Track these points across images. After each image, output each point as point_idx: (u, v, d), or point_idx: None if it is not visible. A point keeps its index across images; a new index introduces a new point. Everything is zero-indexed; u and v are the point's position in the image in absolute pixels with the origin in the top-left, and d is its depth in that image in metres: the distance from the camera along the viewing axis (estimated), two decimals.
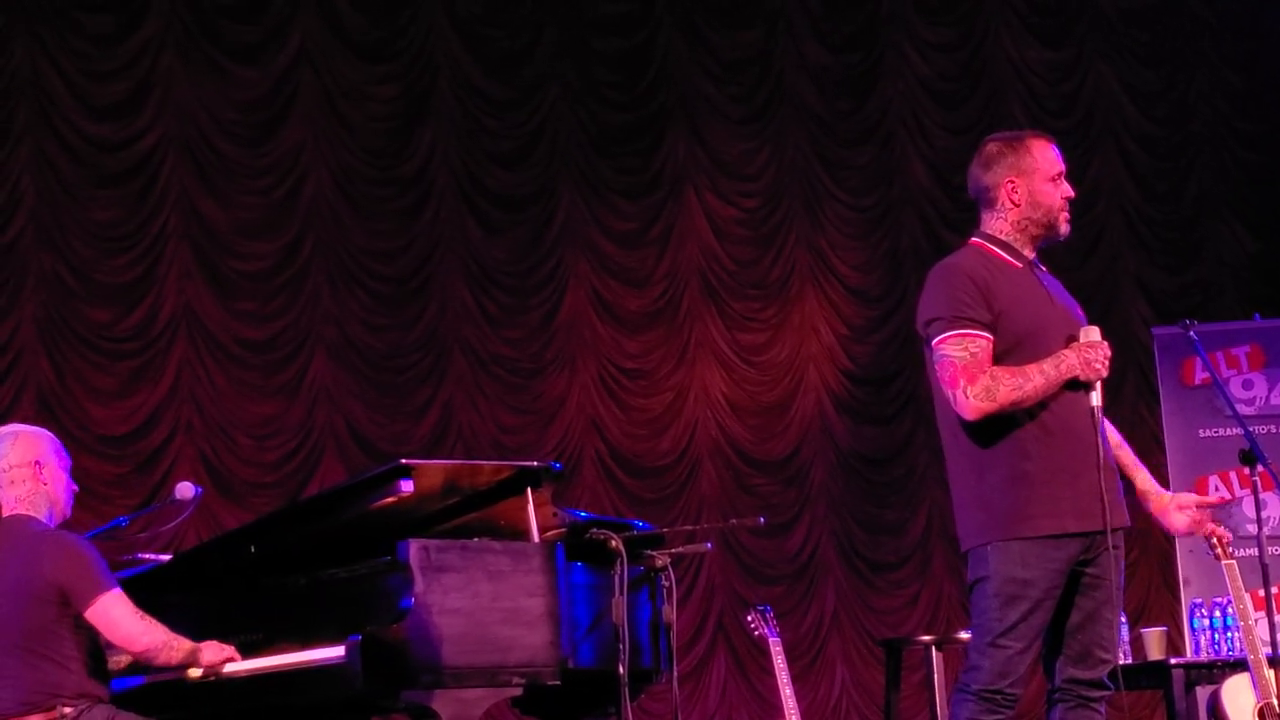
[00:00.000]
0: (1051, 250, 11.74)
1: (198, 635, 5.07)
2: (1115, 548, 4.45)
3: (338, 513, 5.17)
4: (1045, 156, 4.73)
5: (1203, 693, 7.13)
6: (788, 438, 10.13)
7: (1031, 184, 4.71)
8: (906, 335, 10.49)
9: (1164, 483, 9.88)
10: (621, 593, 5.09)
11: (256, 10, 9.50)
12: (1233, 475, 9.41)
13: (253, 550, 5.28)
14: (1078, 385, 4.49)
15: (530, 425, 9.76)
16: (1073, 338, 4.53)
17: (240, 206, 9.36)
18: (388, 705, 4.88)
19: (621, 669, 5.05)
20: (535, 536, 5.02)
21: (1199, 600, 7.89)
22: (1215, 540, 6.68)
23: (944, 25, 10.92)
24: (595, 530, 5.26)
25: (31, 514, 5.10)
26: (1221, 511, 9.30)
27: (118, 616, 4.92)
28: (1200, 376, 9.49)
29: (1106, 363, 4.50)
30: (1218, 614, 7.51)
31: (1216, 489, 9.50)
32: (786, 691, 7.29)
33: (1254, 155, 11.18)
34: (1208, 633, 7.51)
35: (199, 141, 9.27)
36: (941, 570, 10.31)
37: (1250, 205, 11.14)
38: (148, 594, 5.23)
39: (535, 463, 5.16)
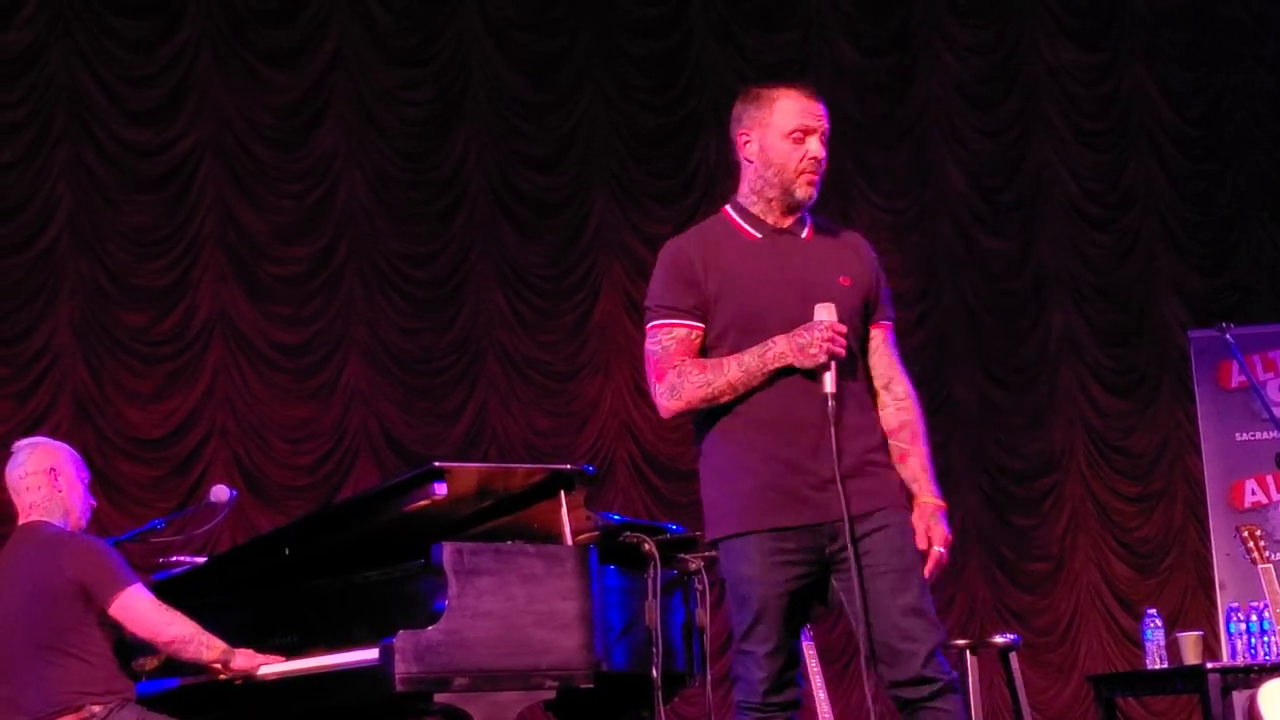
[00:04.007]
0: (1088, 253, 11.72)
1: (232, 638, 5.09)
2: (883, 528, 4.09)
3: (372, 516, 5.17)
4: (786, 109, 4.23)
5: (1239, 697, 7.10)
6: None
7: (765, 138, 4.24)
8: (941, 339, 10.47)
9: (1200, 486, 9.99)
10: (655, 596, 5.08)
11: (291, 15, 9.53)
12: (1269, 479, 9.37)
13: (287, 553, 5.29)
14: (810, 371, 4.09)
15: (563, 429, 9.77)
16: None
17: (275, 210, 9.39)
18: (421, 708, 4.88)
19: (655, 672, 5.05)
20: (568, 540, 5.02)
21: (1235, 604, 7.86)
22: (1252, 543, 6.66)
23: (979, 28, 10.89)
24: (628, 533, 5.25)
25: (46, 519, 5.15)
26: (1259, 515, 9.25)
27: (142, 610, 4.96)
28: (1237, 380, 9.46)
29: (826, 344, 4.05)
30: (1254, 618, 7.48)
31: (1253, 493, 9.47)
32: (820, 695, 7.28)
33: None
34: (1244, 637, 7.48)
35: (234, 146, 9.31)
36: (975, 574, 10.28)
37: None
38: (183, 597, 5.25)
39: (568, 466, 5.15)
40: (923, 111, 10.67)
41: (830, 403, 4.07)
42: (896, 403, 4.33)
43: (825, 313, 4.12)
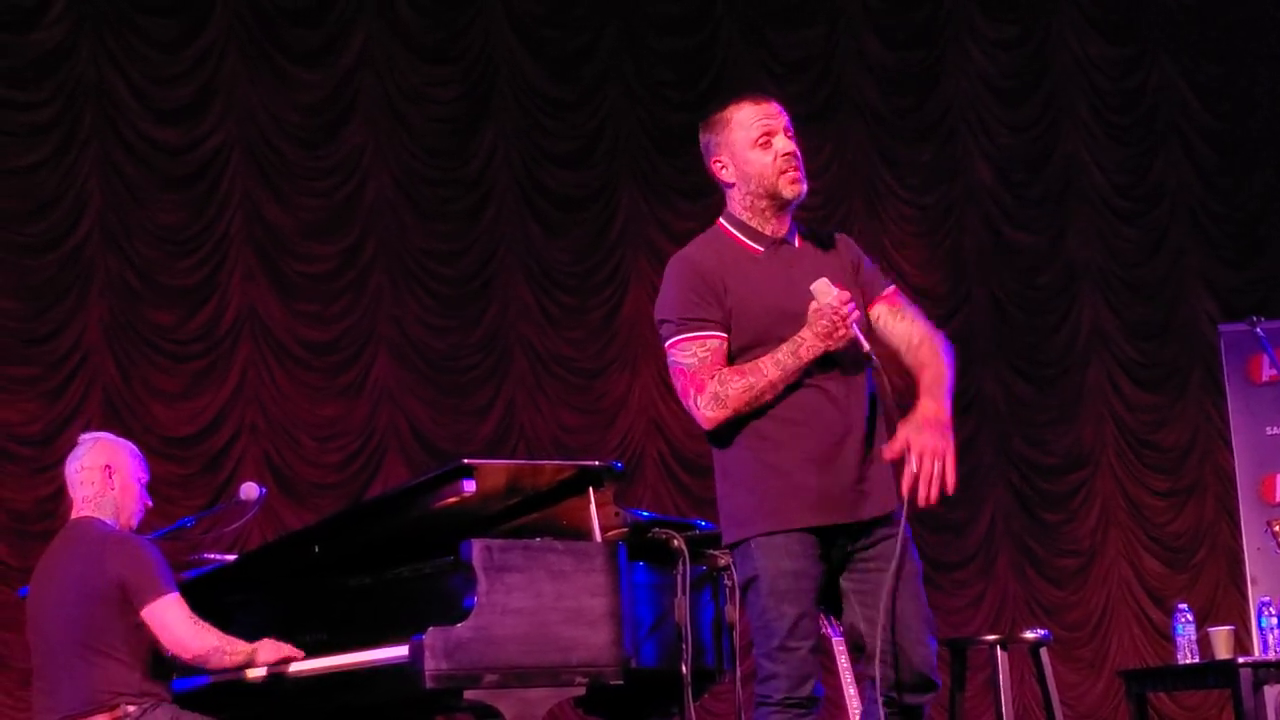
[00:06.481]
0: (1117, 248, 11.66)
1: (262, 635, 5.10)
2: (890, 537, 4.18)
3: (401, 513, 5.18)
4: (742, 121, 4.36)
5: (1271, 692, 7.08)
6: None
7: (735, 156, 4.35)
8: (969, 334, 10.44)
9: (1230, 481, 9.94)
10: (684, 592, 5.07)
11: (318, 14, 9.55)
12: None
13: (317, 550, 5.30)
14: (830, 363, 4.17)
15: (592, 425, 9.77)
16: None
17: (302, 208, 9.40)
18: (451, 704, 4.88)
19: (684, 669, 5.04)
20: (597, 536, 5.01)
21: (1267, 598, 7.82)
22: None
23: (1006, 22, 10.87)
24: (657, 530, 5.25)
25: (97, 516, 5.16)
26: None
27: (172, 620, 4.95)
28: (1267, 373, 9.42)
29: (840, 314, 4.12)
30: None
31: None
32: (850, 691, 7.25)
33: None
34: (1276, 631, 7.44)
35: (262, 144, 9.32)
36: (1005, 570, 10.25)
37: None
38: (213, 594, 5.26)
39: (597, 462, 5.15)
40: (950, 106, 10.65)
41: (873, 359, 4.18)
42: (932, 356, 4.35)
43: (823, 292, 4.17)
